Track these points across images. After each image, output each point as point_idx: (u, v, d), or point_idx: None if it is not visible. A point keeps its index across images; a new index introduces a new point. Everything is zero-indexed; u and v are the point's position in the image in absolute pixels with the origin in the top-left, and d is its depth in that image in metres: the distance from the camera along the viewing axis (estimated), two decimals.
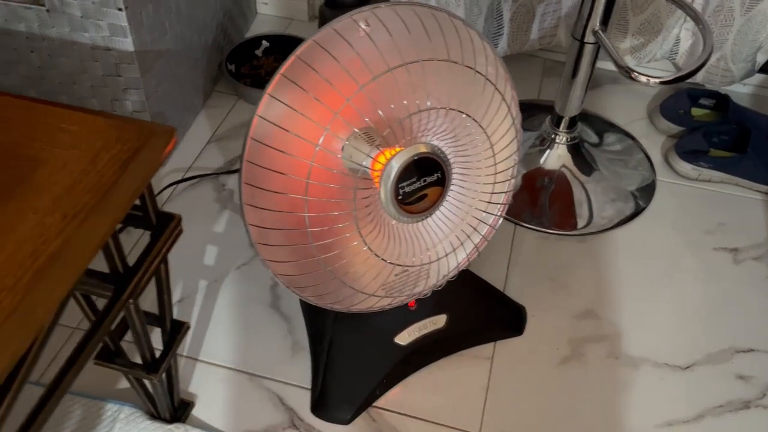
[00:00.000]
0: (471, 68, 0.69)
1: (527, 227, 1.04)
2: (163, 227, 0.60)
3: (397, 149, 0.65)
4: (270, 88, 0.65)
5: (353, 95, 0.63)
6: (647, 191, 1.11)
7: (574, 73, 1.01)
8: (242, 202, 0.66)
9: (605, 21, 0.95)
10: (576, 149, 1.11)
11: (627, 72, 0.88)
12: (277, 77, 0.65)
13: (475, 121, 0.70)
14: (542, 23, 1.23)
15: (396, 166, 0.65)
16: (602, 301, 0.96)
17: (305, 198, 0.65)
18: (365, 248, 0.70)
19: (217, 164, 1.11)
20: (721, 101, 1.20)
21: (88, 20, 0.91)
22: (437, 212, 0.73)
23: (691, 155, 1.12)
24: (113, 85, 0.98)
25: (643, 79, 0.88)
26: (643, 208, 1.08)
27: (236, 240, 1.00)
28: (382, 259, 0.72)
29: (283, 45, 1.32)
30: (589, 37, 0.96)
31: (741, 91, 1.28)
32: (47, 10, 0.91)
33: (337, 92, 0.63)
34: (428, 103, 0.66)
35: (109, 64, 0.96)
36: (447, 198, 0.73)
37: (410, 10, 0.66)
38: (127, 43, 0.92)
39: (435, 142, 0.69)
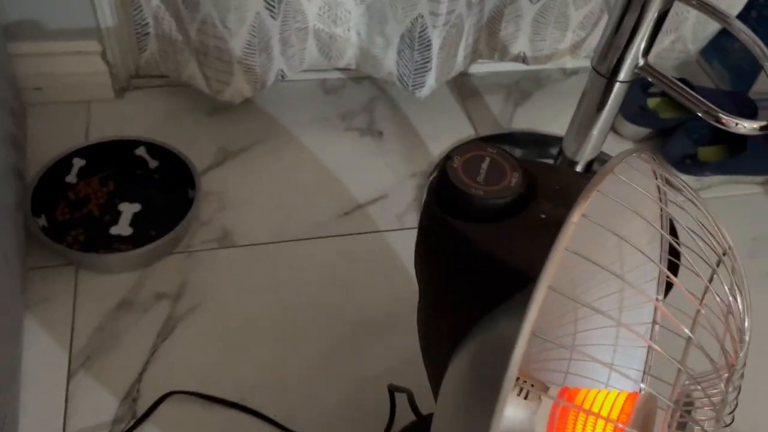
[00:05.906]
0: None
1: None
2: None
3: None
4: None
5: None
6: None
7: (593, 119, 0.74)
8: None
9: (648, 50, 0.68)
10: None
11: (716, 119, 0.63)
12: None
13: None
14: (467, 40, 0.92)
15: None
16: None
17: None
18: None
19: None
20: None
21: None
22: None
23: (690, 166, 0.94)
24: None
25: (744, 127, 0.63)
26: None
27: None
28: None
29: (107, 151, 0.82)
30: (628, 75, 0.69)
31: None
32: None
33: None
34: None
35: None
36: None
37: None
38: None
39: None
